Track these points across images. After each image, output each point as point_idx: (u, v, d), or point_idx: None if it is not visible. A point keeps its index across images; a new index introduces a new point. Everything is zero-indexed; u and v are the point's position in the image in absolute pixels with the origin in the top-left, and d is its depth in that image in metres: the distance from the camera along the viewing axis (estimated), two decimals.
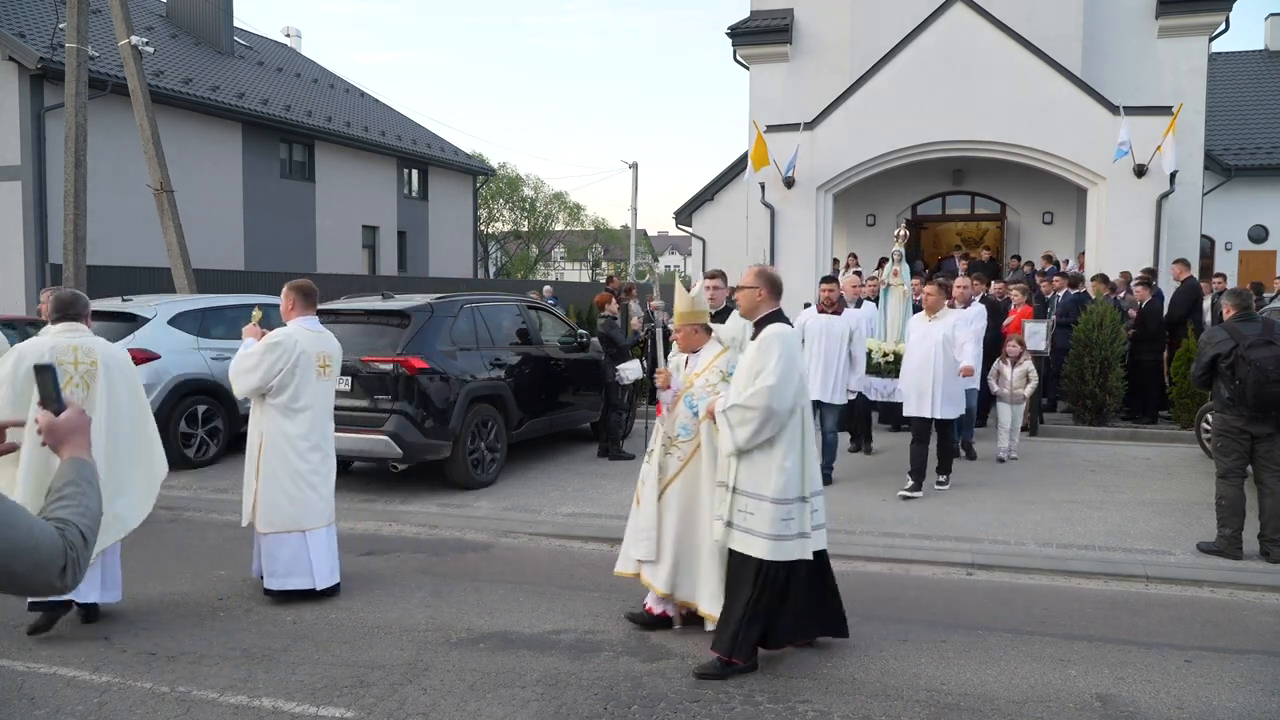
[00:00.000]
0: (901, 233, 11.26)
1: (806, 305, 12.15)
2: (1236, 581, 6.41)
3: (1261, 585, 6.35)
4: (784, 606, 4.79)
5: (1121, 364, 12.30)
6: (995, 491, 9.00)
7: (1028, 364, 10.52)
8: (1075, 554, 6.99)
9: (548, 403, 10.36)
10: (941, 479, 9.03)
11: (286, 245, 25.43)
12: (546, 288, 22.60)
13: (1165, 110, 15.94)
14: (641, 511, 5.35)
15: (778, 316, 4.87)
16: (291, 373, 5.91)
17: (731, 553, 4.82)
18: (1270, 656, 5.14)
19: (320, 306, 9.68)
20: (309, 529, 5.95)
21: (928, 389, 8.67)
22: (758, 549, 4.65)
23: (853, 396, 9.53)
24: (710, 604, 5.09)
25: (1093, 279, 13.94)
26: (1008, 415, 10.47)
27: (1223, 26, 19.09)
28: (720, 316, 6.36)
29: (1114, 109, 16.25)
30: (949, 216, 21.46)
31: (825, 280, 9.27)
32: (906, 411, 8.93)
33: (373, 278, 25.57)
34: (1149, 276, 13.49)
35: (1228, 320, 7.03)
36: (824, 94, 18.83)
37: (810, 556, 4.75)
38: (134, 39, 13.54)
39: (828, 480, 9.01)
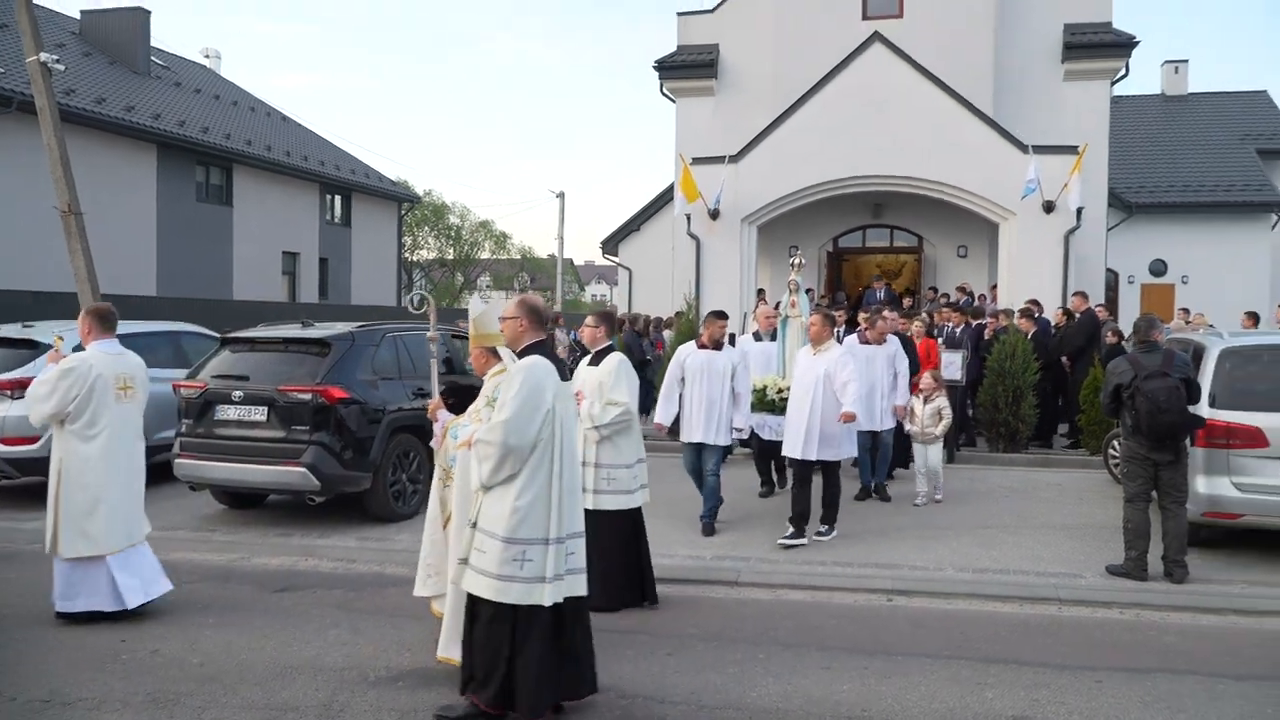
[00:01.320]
0: (798, 261, 10.69)
1: (732, 336, 12.26)
2: (1143, 603, 6.60)
3: (1166, 605, 6.55)
4: (522, 656, 4.40)
5: (1034, 393, 12.63)
6: (914, 518, 9.14)
7: (940, 400, 9.75)
8: (992, 578, 7.12)
9: None
10: (823, 529, 8.23)
11: (202, 271, 24.81)
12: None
13: (1071, 150, 16.55)
14: (425, 547, 5.27)
15: (539, 348, 4.63)
16: (88, 397, 5.99)
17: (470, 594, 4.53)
18: (1175, 675, 5.29)
19: (237, 334, 9.51)
20: (110, 551, 5.99)
21: (803, 428, 8.00)
22: (486, 589, 4.37)
23: (743, 436, 9.05)
24: (447, 646, 4.95)
25: (1019, 313, 14.22)
26: (922, 457, 9.83)
27: (1123, 71, 19.96)
28: (598, 358, 6.46)
29: (1023, 148, 16.83)
30: (869, 249, 21.91)
31: (715, 315, 8.65)
32: (786, 451, 8.27)
33: (293, 305, 25.08)
34: (1032, 309, 14.00)
35: (1132, 351, 7.29)
36: (749, 128, 19.12)
37: (547, 602, 4.36)
38: (43, 55, 13.11)
39: (710, 530, 8.37)
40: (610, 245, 27.79)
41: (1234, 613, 6.43)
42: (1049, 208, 16.58)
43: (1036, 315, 13.99)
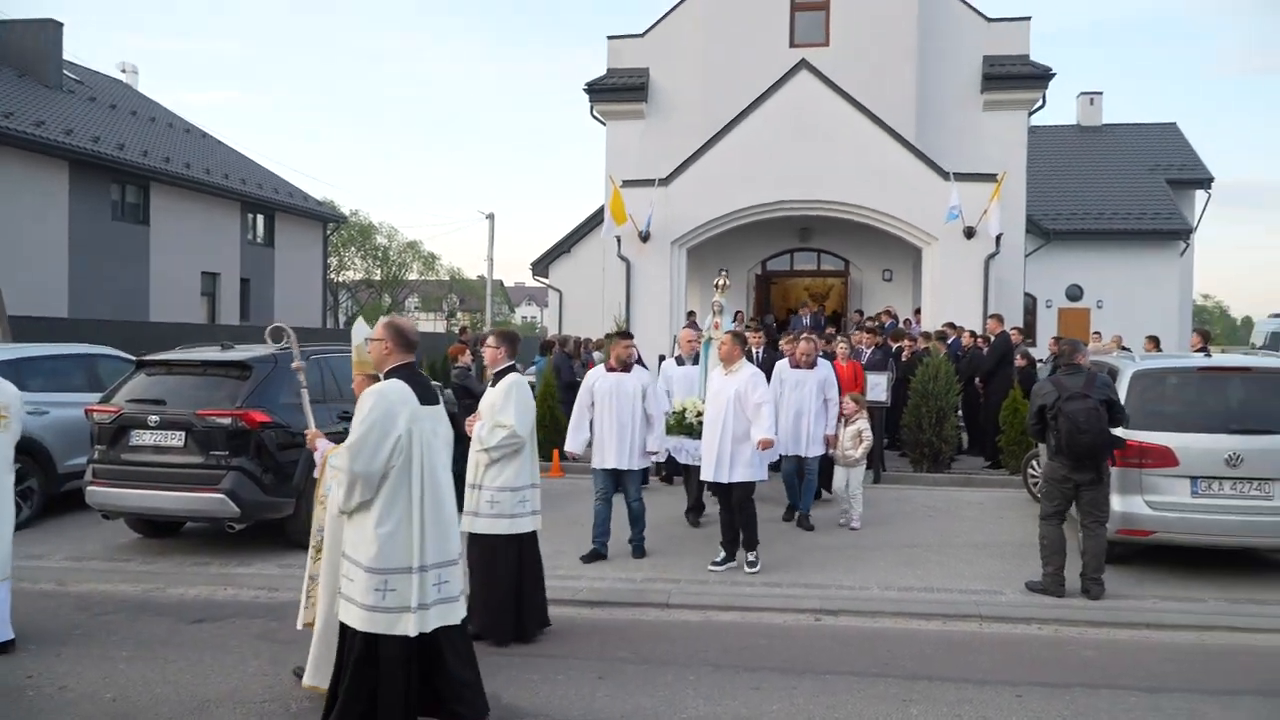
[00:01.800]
0: (722, 282, 10.50)
1: (662, 358, 12.34)
2: (1062, 618, 6.79)
3: (1084, 621, 6.74)
4: (385, 687, 4.33)
5: (956, 413, 12.94)
6: (841, 539, 9.27)
7: (861, 423, 9.73)
8: (916, 596, 7.26)
9: None
10: (750, 557, 7.90)
11: (117, 291, 24.13)
12: None
13: (990, 177, 17.10)
14: (308, 575, 5.25)
15: (403, 371, 4.57)
16: None
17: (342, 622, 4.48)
18: (1092, 689, 5.45)
19: (153, 357, 9.26)
20: None
21: (714, 450, 7.79)
22: (353, 618, 4.33)
23: (660, 459, 8.84)
24: (313, 674, 4.93)
25: (933, 335, 14.62)
26: (842, 480, 9.79)
27: (1040, 102, 20.71)
28: (497, 379, 6.35)
29: (945, 175, 17.34)
30: (797, 272, 22.28)
31: (620, 336, 8.49)
32: (704, 475, 8.07)
33: (212, 327, 24.53)
34: (946, 332, 14.41)
35: (1056, 373, 7.53)
36: (679, 151, 19.36)
37: (413, 632, 4.32)
38: None
39: (640, 552, 8.30)
40: (540, 267, 27.77)
41: (1147, 627, 6.65)
42: (970, 233, 17.08)
43: (949, 339, 14.38)
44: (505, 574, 6.14)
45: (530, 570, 6.27)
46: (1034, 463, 11.10)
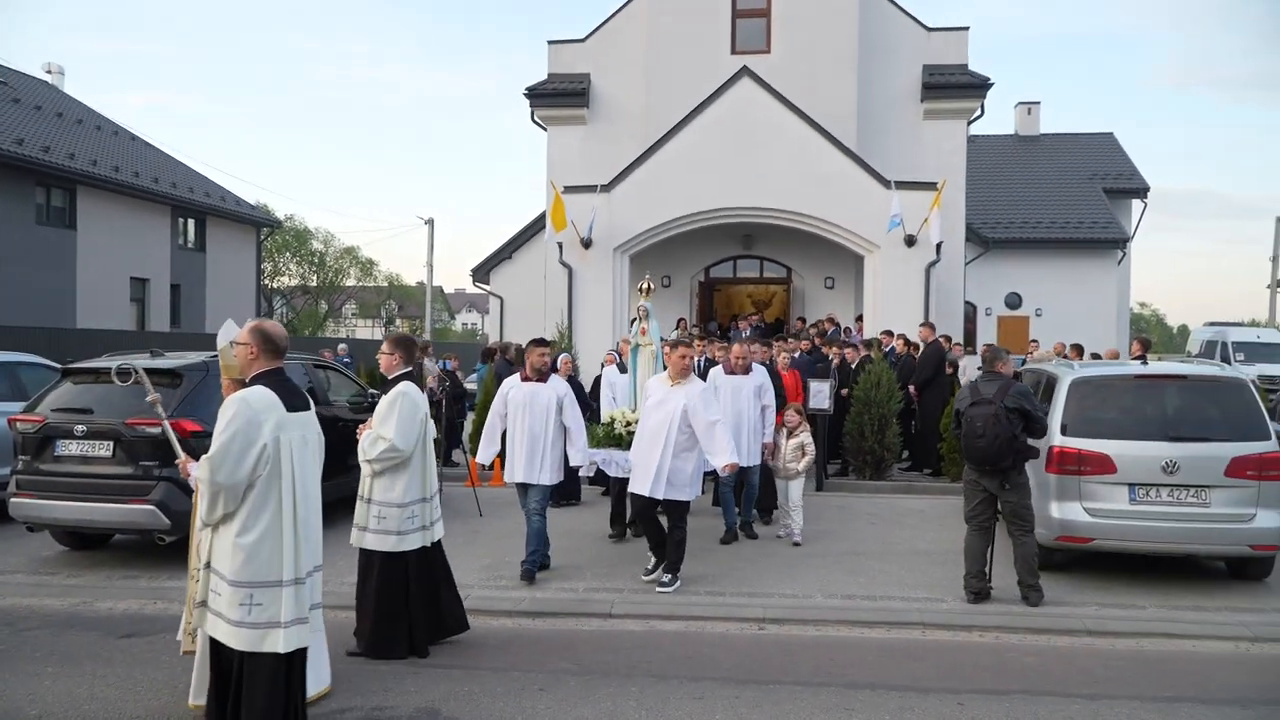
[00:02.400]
0: (646, 285, 9.99)
1: (605, 365, 12.31)
2: (1003, 625, 6.90)
3: (1024, 628, 6.86)
4: (248, 705, 4.26)
5: (898, 421, 13.11)
6: (785, 548, 9.33)
7: (804, 436, 9.58)
8: (859, 604, 7.34)
9: (334, 467, 9.88)
10: (666, 579, 7.64)
11: (42, 297, 23.48)
12: (341, 346, 21.80)
13: (931, 186, 17.38)
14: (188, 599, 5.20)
15: (269, 377, 4.49)
16: None
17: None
18: (1033, 696, 5.55)
19: (81, 364, 9.01)
20: None
21: (654, 465, 7.52)
22: (223, 634, 4.28)
23: (588, 473, 8.74)
24: (197, 691, 4.89)
25: (863, 343, 14.86)
26: (783, 493, 9.63)
27: (979, 112, 21.09)
28: (389, 385, 6.16)
29: (886, 183, 17.58)
30: (740, 280, 22.41)
31: (534, 343, 8.19)
32: (632, 487, 7.74)
33: (142, 334, 23.97)
34: (883, 340, 14.71)
35: (976, 379, 7.67)
36: (621, 157, 19.38)
37: (283, 648, 4.27)
38: None
39: (530, 577, 7.85)
40: (481, 273, 27.58)
41: (1088, 634, 6.79)
42: (910, 241, 17.33)
43: (886, 347, 14.63)
44: (392, 592, 5.99)
45: (424, 586, 6.10)
46: None
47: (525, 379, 8.01)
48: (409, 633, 6.04)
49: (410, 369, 6.24)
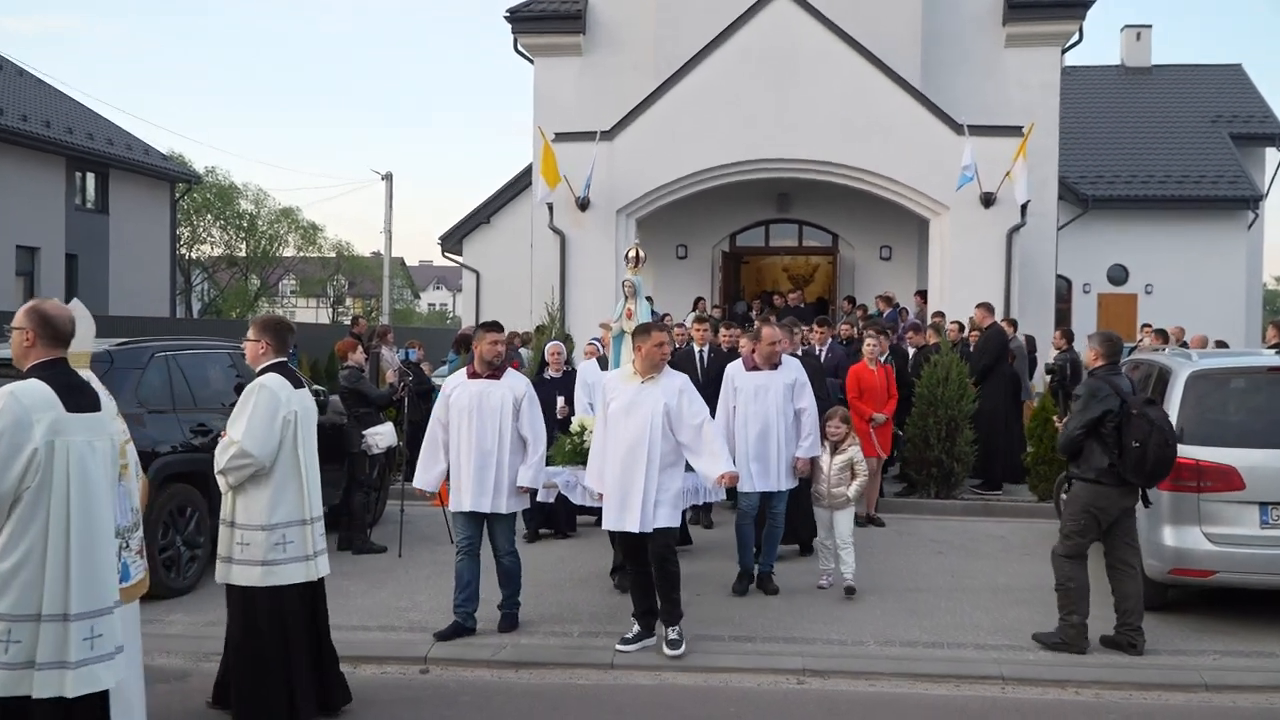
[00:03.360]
0: (635, 253, 9.50)
1: (585, 358, 12.30)
2: (1103, 680, 6.88)
3: (1130, 683, 6.84)
4: None
5: (970, 425, 13.05)
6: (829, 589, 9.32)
7: (853, 450, 8.98)
8: (922, 653, 7.33)
9: None
10: (673, 635, 7.26)
11: None
12: None
13: (1014, 131, 17.27)
14: None
15: (47, 369, 4.53)
16: None
17: None
18: None
19: None
20: None
21: (637, 489, 7.19)
22: None
23: (547, 498, 8.56)
24: None
25: (908, 328, 14.89)
26: (826, 525, 8.99)
27: (1076, 37, 20.97)
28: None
29: (957, 128, 17.50)
30: (773, 249, 22.39)
31: (485, 327, 7.85)
32: (606, 524, 7.46)
33: None
34: (939, 323, 14.68)
35: (1098, 371, 7.52)
36: (625, 97, 19.32)
37: (38, 694, 4.29)
38: None
39: (510, 623, 7.71)
40: (452, 242, 27.64)
41: (1205, 688, 6.77)
42: (988, 200, 17.28)
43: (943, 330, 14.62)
44: (262, 641, 5.89)
45: (303, 633, 6.02)
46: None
47: (473, 375, 7.68)
48: (289, 698, 5.89)
49: (283, 359, 6.18)
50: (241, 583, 5.88)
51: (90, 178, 30.60)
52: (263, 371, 6.07)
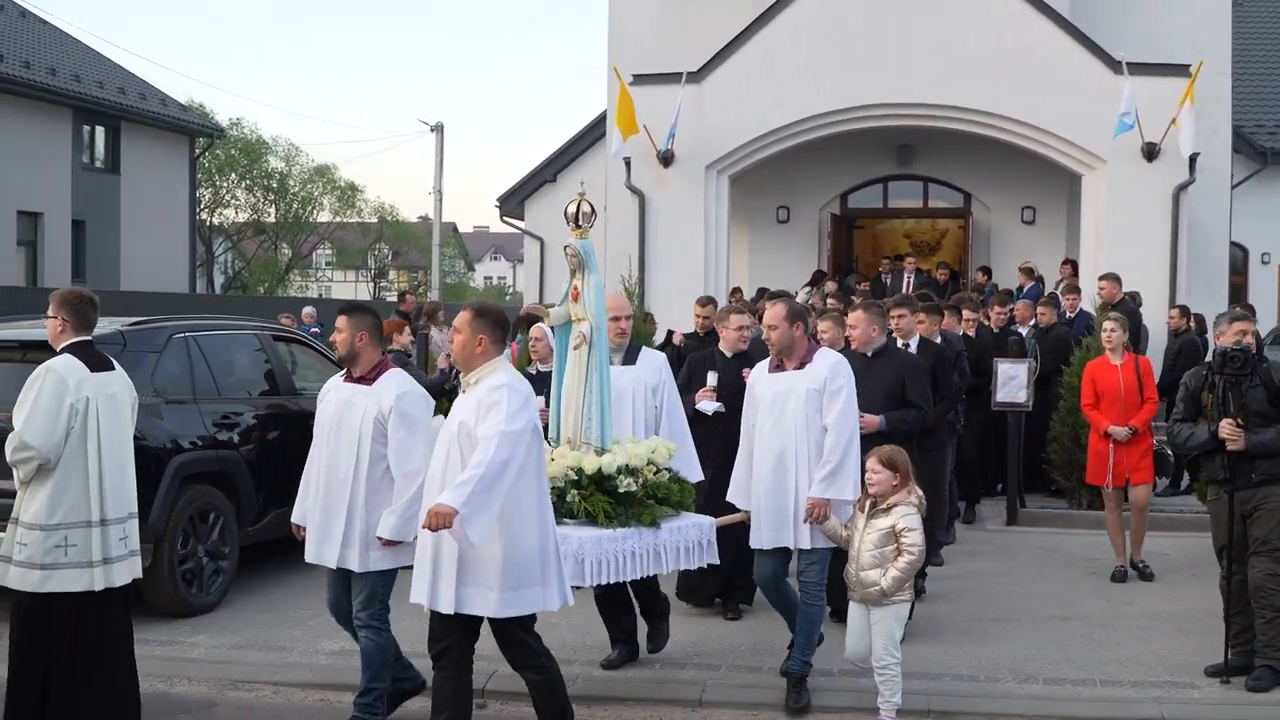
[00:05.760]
0: (575, 207, 7.28)
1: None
2: None
3: None
4: None
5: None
6: (957, 605, 9.27)
7: (901, 513, 6.71)
8: (1069, 692, 7.26)
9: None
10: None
11: None
12: (308, 310, 22.08)
13: (1181, 70, 16.93)
14: None
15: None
16: None
17: None
18: None
19: None
20: None
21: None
22: None
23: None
24: None
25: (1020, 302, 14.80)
26: (858, 629, 6.85)
27: None
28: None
29: (1114, 65, 17.18)
30: (893, 211, 22.22)
31: (346, 310, 7.03)
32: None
33: (33, 290, 24.59)
34: (1058, 297, 14.50)
35: None
36: (716, 31, 19.25)
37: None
38: None
39: (412, 690, 6.99)
40: (512, 204, 27.76)
41: None
42: (1150, 153, 16.97)
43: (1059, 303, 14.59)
44: (31, 656, 5.99)
45: (83, 653, 6.02)
46: None
47: (348, 376, 6.91)
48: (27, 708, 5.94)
49: (85, 338, 6.25)
50: (19, 587, 5.98)
51: (99, 132, 31.12)
52: (61, 353, 6.25)
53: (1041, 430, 13.15)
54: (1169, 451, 10.66)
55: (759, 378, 7.57)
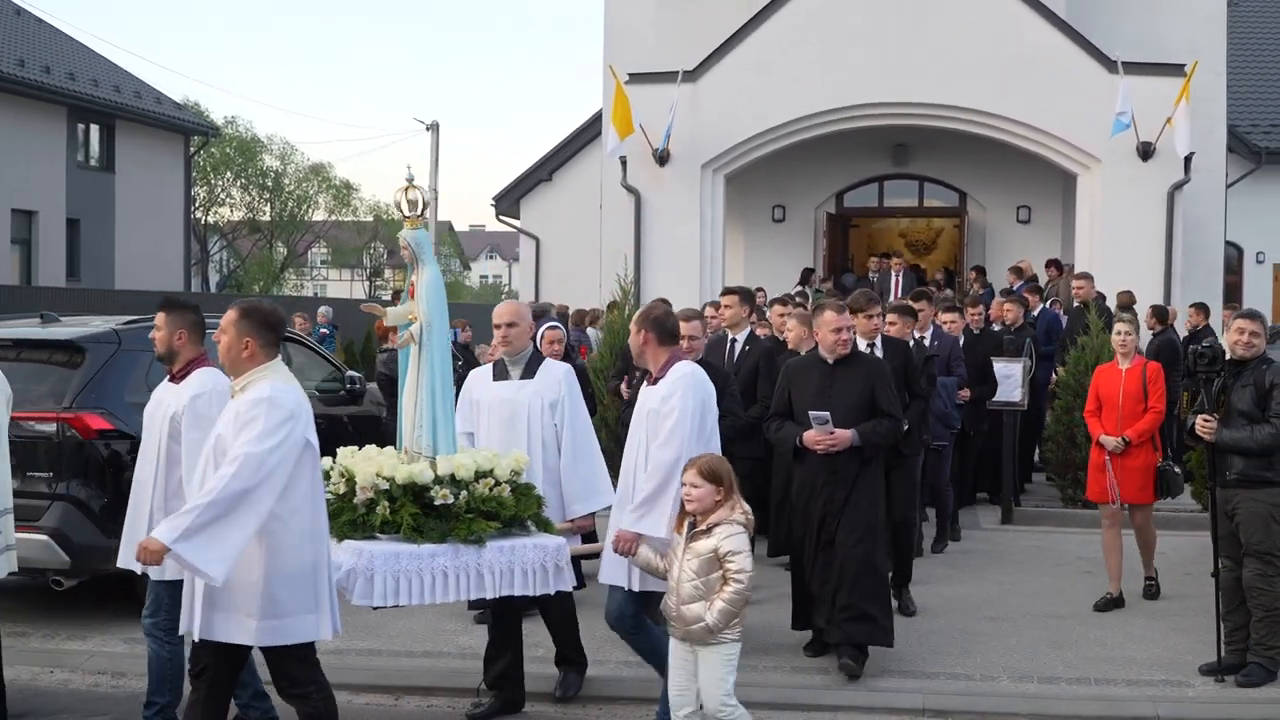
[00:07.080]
0: (405, 193, 6.51)
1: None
2: (1275, 719, 6.81)
3: None
4: None
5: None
6: (953, 602, 9.30)
7: (725, 534, 5.76)
8: (1064, 691, 7.29)
9: None
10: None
11: None
12: (323, 310, 21.88)
13: (1176, 70, 16.96)
14: None
15: None
16: None
17: None
18: None
19: None
20: None
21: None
22: None
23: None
24: None
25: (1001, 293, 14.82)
26: (681, 673, 6.00)
27: None
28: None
29: (1110, 65, 17.22)
30: (888, 210, 22.22)
31: (164, 305, 6.59)
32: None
33: (27, 289, 24.59)
34: (1027, 298, 14.55)
35: None
36: (713, 29, 19.25)
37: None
38: None
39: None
40: (507, 203, 27.76)
41: None
42: (1146, 152, 17.01)
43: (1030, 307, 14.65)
44: None
45: None
46: None
47: (170, 374, 6.52)
48: None
49: None
50: None
51: (94, 131, 31.10)
52: None
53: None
54: (1177, 470, 10.10)
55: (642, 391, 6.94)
